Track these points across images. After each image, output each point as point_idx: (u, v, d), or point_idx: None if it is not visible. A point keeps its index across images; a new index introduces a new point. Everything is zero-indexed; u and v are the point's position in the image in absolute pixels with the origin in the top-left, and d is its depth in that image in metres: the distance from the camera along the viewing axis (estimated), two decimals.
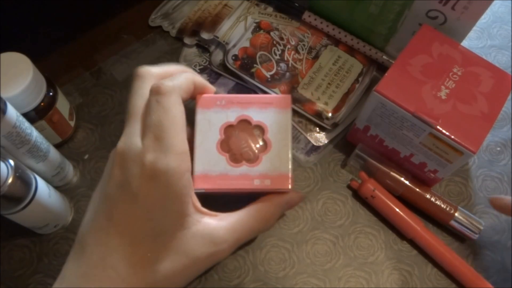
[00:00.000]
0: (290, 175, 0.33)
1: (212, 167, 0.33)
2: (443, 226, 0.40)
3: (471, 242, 0.40)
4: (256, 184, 0.32)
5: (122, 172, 0.29)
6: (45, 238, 0.39)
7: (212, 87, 0.35)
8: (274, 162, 0.33)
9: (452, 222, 0.39)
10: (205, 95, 0.34)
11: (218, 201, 0.32)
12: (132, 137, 0.29)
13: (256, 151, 0.33)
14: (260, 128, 0.34)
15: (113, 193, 0.29)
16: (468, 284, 0.38)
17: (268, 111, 0.34)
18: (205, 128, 0.33)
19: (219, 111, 0.34)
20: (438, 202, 0.39)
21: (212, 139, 0.33)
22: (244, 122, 0.34)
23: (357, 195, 0.41)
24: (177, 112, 0.29)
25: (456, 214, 0.39)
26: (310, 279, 0.38)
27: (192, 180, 0.32)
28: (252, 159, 0.33)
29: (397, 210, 0.39)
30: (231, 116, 0.34)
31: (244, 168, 0.33)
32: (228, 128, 0.34)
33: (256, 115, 0.34)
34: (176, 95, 0.30)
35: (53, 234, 0.39)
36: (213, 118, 0.34)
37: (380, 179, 0.40)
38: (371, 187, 0.40)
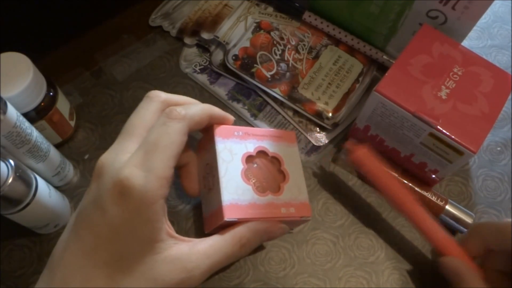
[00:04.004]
0: (308, 203, 0.34)
1: (241, 196, 0.32)
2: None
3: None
4: (283, 212, 0.33)
5: (97, 186, 0.28)
6: (45, 238, 0.38)
7: (231, 117, 0.35)
8: (294, 192, 0.34)
9: (443, 216, 0.39)
10: (222, 126, 0.34)
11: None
12: (117, 153, 0.28)
13: (278, 180, 0.34)
14: (277, 160, 0.35)
15: (84, 209, 0.28)
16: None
17: (281, 145, 0.35)
18: (227, 157, 0.33)
19: (238, 142, 0.34)
20: (428, 195, 0.40)
21: (236, 168, 0.33)
22: (262, 153, 0.35)
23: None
24: (177, 140, 0.29)
25: (447, 207, 0.39)
26: (311, 279, 0.38)
27: (222, 210, 0.31)
28: (276, 189, 0.34)
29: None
30: (250, 147, 0.34)
31: (269, 197, 0.33)
32: (249, 158, 0.34)
33: (271, 148, 0.35)
34: (183, 124, 0.29)
35: (53, 234, 0.39)
36: (234, 148, 0.34)
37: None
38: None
